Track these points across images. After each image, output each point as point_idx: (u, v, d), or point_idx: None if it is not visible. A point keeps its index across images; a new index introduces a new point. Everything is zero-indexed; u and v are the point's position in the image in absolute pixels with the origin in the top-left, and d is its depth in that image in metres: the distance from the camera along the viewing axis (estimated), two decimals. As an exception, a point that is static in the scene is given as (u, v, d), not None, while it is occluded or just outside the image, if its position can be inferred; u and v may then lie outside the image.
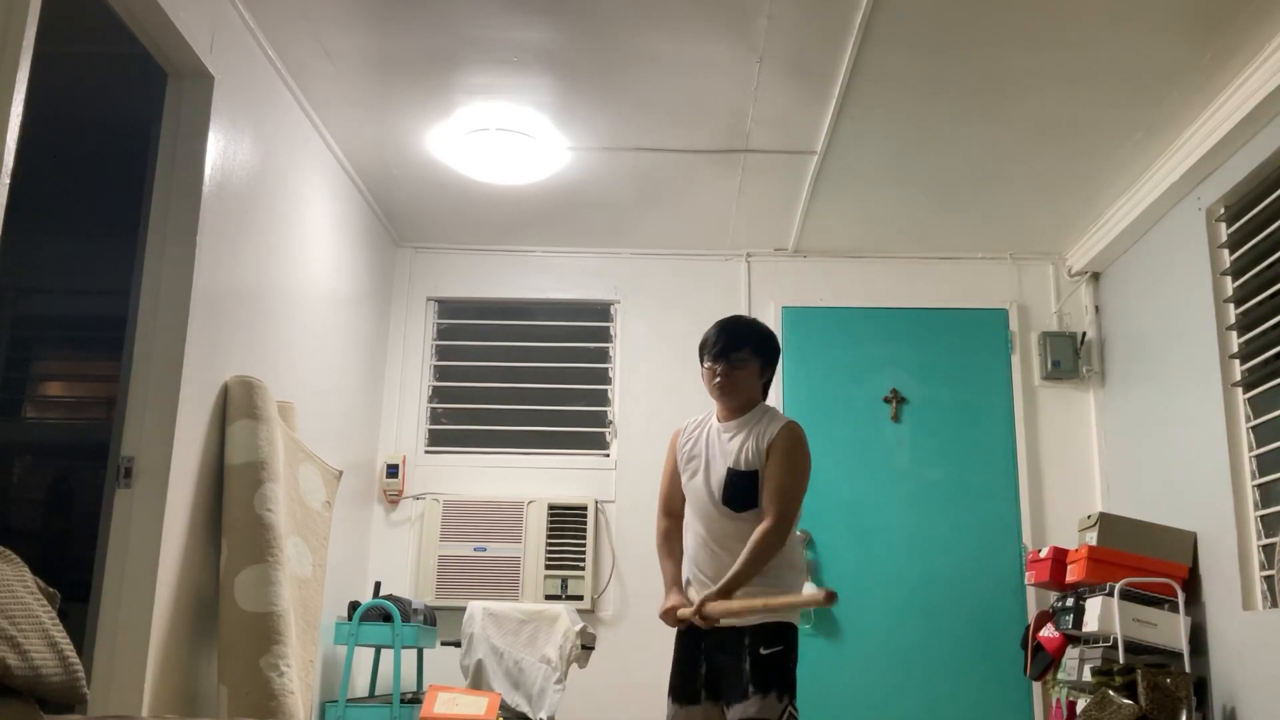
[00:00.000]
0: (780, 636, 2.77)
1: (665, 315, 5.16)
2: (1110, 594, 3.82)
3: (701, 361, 2.95)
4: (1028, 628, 4.57)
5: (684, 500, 2.97)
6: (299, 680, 3.13)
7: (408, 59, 3.59)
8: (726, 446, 2.87)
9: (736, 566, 2.71)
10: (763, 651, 2.73)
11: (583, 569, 4.82)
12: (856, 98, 3.73)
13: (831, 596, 2.47)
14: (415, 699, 4.10)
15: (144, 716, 2.76)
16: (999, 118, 3.85)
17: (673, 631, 2.96)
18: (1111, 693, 3.58)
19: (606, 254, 5.22)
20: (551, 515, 4.88)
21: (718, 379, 2.87)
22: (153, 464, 2.93)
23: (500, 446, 5.07)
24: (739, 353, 2.88)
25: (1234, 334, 3.78)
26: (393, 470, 4.92)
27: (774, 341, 3.00)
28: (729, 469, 2.82)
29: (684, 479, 2.95)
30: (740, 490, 2.80)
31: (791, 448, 2.81)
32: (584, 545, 4.85)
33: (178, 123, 3.12)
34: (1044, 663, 4.36)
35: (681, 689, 2.85)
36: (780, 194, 4.58)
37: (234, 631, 3.05)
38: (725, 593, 2.70)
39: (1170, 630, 3.78)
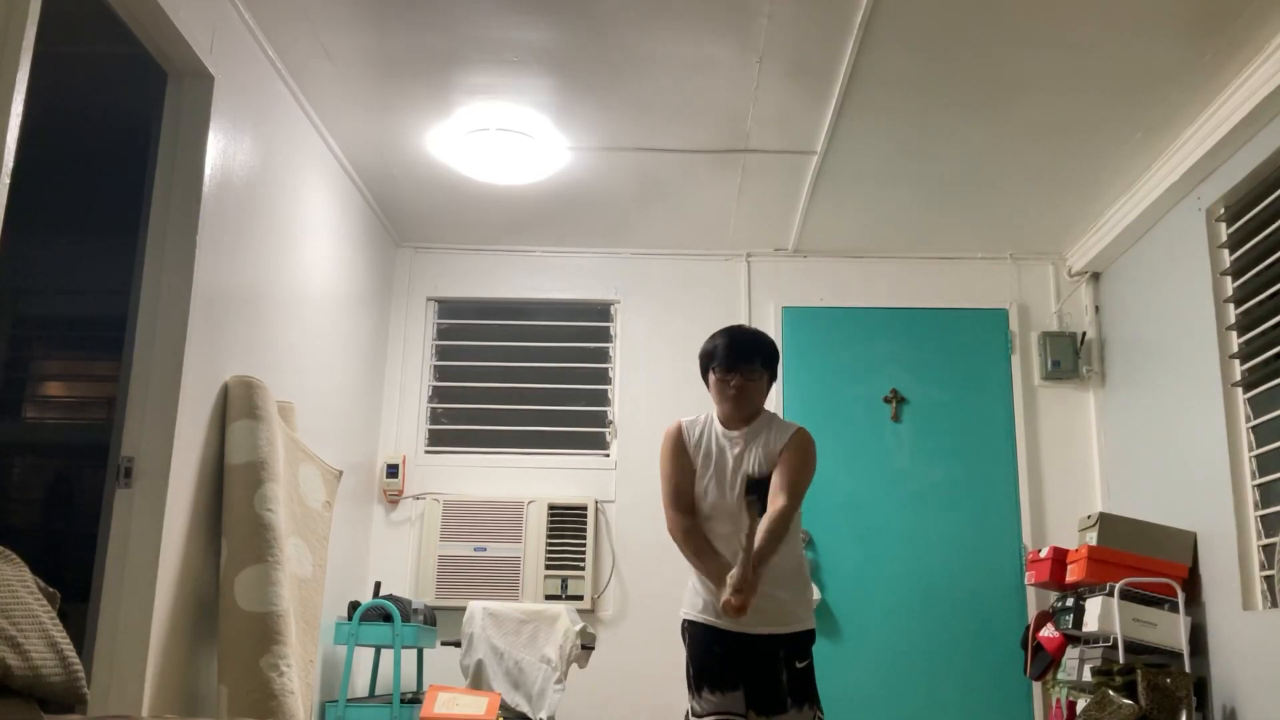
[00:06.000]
0: (808, 648, 2.87)
1: (665, 315, 5.16)
2: (1110, 594, 3.82)
3: (708, 371, 2.96)
4: (1028, 628, 4.57)
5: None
6: (299, 680, 3.13)
7: (408, 59, 3.59)
8: (737, 453, 2.90)
9: (760, 543, 2.67)
10: (798, 665, 2.81)
11: (583, 569, 4.82)
12: (856, 98, 3.73)
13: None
14: (415, 699, 4.10)
15: (144, 716, 2.76)
16: (999, 118, 3.85)
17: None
18: (1111, 693, 3.58)
19: (606, 254, 5.22)
20: (551, 515, 4.88)
21: (731, 390, 2.89)
22: (153, 464, 2.93)
23: (500, 446, 5.07)
24: (750, 365, 2.91)
25: (1234, 334, 3.77)
26: (393, 470, 4.92)
27: (778, 352, 3.05)
28: (747, 476, 2.85)
29: (699, 476, 2.92)
30: (763, 495, 2.82)
31: (802, 450, 2.86)
32: (584, 545, 4.85)
33: (178, 123, 3.12)
34: (1044, 663, 4.36)
35: (718, 679, 2.82)
36: (780, 194, 4.58)
37: (234, 631, 3.05)
38: (753, 568, 2.65)
39: (1170, 630, 3.78)
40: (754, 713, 2.79)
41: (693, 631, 2.92)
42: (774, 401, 4.84)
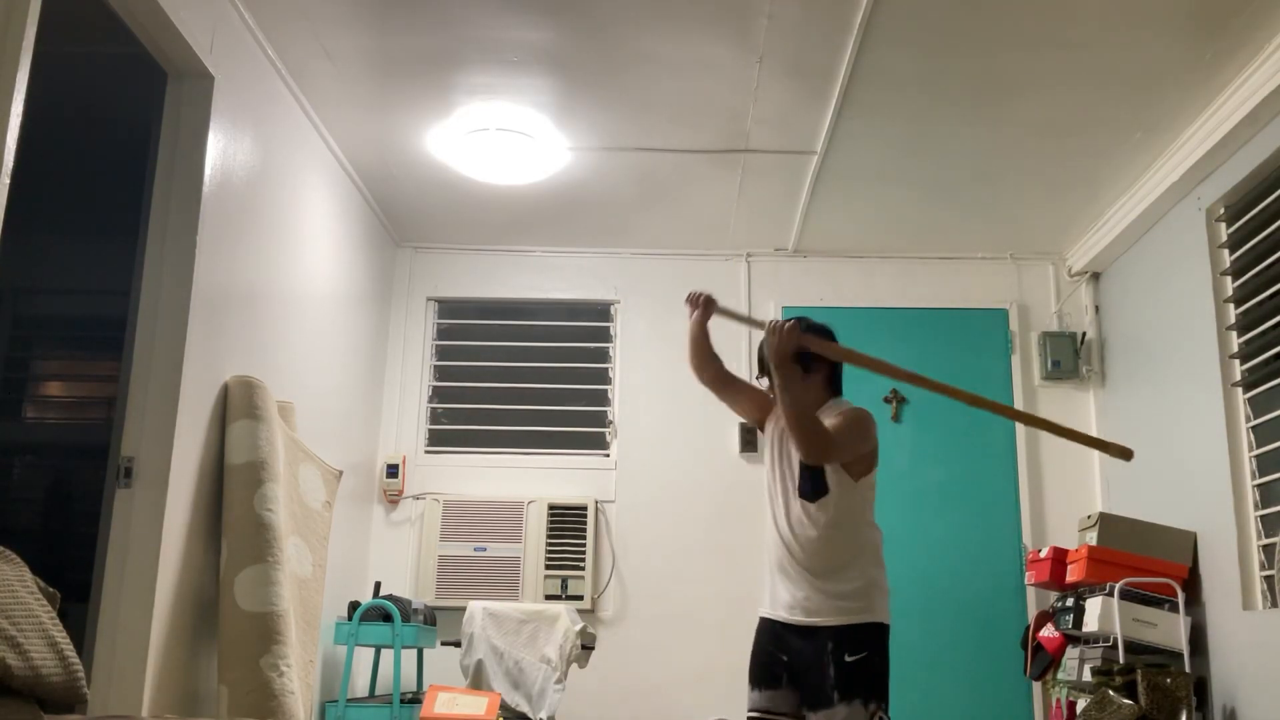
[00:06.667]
0: (865, 642, 2.71)
1: (665, 315, 5.15)
2: (1110, 594, 3.82)
3: None
4: (1028, 628, 4.57)
5: (736, 397, 3.03)
6: (299, 680, 3.13)
7: (408, 59, 3.59)
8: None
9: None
10: (847, 659, 2.67)
11: (583, 569, 4.82)
12: (856, 98, 3.73)
13: (1126, 452, 2.21)
14: (415, 699, 4.10)
15: (144, 716, 2.76)
16: (999, 118, 3.85)
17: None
18: (1111, 693, 3.58)
19: (606, 254, 5.22)
20: (551, 515, 4.88)
21: (771, 395, 2.88)
22: (153, 464, 2.93)
23: (500, 446, 5.07)
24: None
25: (1234, 334, 3.78)
26: (393, 470, 4.92)
27: (815, 332, 2.88)
28: (801, 462, 2.81)
29: (767, 453, 2.93)
30: (812, 479, 2.79)
31: (846, 417, 2.80)
32: (584, 545, 4.85)
33: (178, 123, 3.12)
34: (1044, 663, 4.36)
35: (763, 675, 2.78)
36: (780, 194, 4.58)
37: (234, 631, 3.05)
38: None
39: (1170, 630, 3.78)
40: (805, 708, 2.71)
41: (757, 626, 2.88)
42: (774, 401, 4.83)
